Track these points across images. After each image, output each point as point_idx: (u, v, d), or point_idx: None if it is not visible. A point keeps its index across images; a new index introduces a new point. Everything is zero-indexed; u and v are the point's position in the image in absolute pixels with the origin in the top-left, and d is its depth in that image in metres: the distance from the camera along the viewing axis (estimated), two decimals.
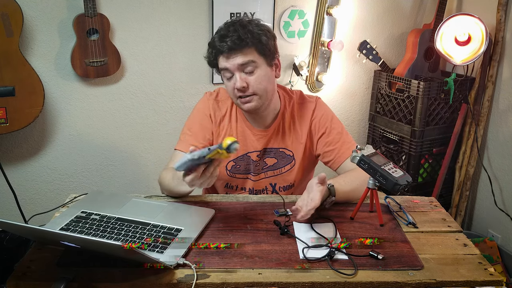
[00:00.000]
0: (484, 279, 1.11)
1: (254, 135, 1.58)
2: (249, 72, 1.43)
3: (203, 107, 1.61)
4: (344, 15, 2.68)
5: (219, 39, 1.43)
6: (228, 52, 1.41)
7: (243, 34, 1.40)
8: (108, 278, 1.07)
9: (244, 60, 1.42)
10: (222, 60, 1.44)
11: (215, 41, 1.44)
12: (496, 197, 2.56)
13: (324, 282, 1.08)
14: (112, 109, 2.49)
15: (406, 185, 1.26)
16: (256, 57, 1.43)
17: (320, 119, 1.59)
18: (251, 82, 1.44)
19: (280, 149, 1.59)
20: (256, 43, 1.42)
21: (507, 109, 2.50)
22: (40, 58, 2.28)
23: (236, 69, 1.43)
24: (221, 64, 1.45)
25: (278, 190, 1.62)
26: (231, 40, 1.40)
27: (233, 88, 1.46)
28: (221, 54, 1.43)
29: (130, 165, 2.61)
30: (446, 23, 2.45)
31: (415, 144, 2.60)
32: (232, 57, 1.42)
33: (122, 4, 2.34)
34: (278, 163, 1.60)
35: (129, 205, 1.39)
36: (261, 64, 1.45)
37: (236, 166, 1.59)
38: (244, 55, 1.41)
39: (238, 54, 1.41)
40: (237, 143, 1.10)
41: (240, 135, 1.59)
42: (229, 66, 1.43)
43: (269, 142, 1.59)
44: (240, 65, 1.42)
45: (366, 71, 2.89)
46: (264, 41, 1.44)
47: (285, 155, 1.60)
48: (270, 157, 1.60)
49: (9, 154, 2.37)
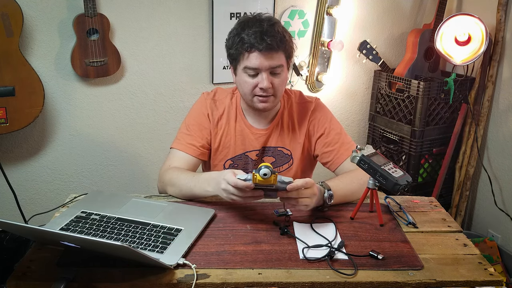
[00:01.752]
0: (484, 279, 1.11)
1: (252, 134, 1.58)
2: (276, 74, 1.44)
3: (201, 106, 1.61)
4: (344, 15, 2.68)
5: (257, 35, 1.39)
6: (265, 51, 1.40)
7: (283, 38, 1.42)
8: (108, 278, 1.07)
9: (277, 63, 1.43)
10: (253, 56, 1.41)
11: (251, 36, 1.39)
12: (496, 197, 2.56)
13: (324, 282, 1.08)
14: (112, 109, 2.49)
15: (406, 185, 1.26)
16: (284, 61, 1.46)
17: (319, 120, 1.59)
18: (275, 84, 1.45)
19: (278, 148, 1.60)
20: (287, 49, 1.45)
21: (507, 109, 2.50)
22: (40, 58, 2.28)
23: (266, 70, 1.42)
24: (249, 61, 1.42)
25: None
26: (272, 40, 1.39)
27: (254, 86, 1.45)
28: (255, 51, 1.40)
29: (130, 165, 2.61)
30: (446, 23, 2.45)
31: (415, 144, 2.60)
32: (267, 57, 1.41)
33: (122, 4, 2.34)
34: (276, 162, 1.60)
35: (129, 205, 1.39)
36: (285, 68, 1.48)
37: (234, 165, 1.60)
38: (278, 57, 1.43)
39: (274, 55, 1.41)
40: (267, 168, 1.18)
41: (238, 134, 1.59)
42: (260, 66, 1.41)
43: (268, 141, 1.59)
44: (271, 67, 1.42)
45: (366, 71, 2.89)
46: (291, 46, 1.47)
47: (283, 154, 1.60)
48: (268, 156, 1.60)
49: (9, 154, 2.37)
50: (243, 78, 1.47)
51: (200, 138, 1.57)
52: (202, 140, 1.57)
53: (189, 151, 1.55)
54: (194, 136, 1.57)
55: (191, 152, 1.55)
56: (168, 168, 1.52)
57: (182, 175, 1.45)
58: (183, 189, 1.43)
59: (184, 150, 1.55)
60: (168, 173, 1.49)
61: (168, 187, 1.48)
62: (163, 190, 1.52)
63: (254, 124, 1.59)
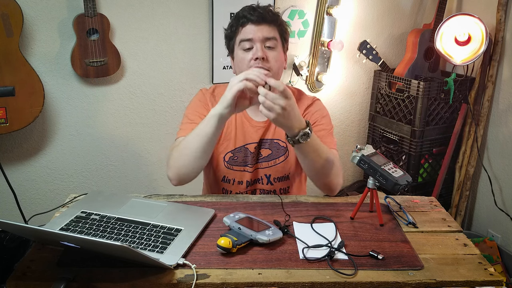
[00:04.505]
0: (484, 279, 1.11)
1: (252, 126, 1.59)
2: (270, 47, 1.49)
3: (200, 99, 1.62)
4: (344, 15, 2.68)
5: (249, 9, 1.49)
6: (257, 21, 1.47)
7: (274, 14, 1.51)
8: (108, 278, 1.07)
9: (269, 34, 1.48)
10: (247, 29, 1.48)
11: (244, 11, 1.49)
12: (496, 197, 2.56)
13: (324, 282, 1.08)
14: (112, 109, 2.49)
15: (406, 185, 1.26)
16: (277, 36, 1.51)
17: (313, 114, 1.61)
18: (270, 56, 1.49)
19: (275, 140, 1.60)
20: (280, 25, 1.52)
21: (507, 109, 2.50)
22: (40, 58, 2.28)
23: (259, 41, 1.47)
24: (243, 34, 1.49)
25: (272, 182, 1.62)
26: (264, 10, 1.48)
27: (250, 60, 1.47)
28: (248, 23, 1.48)
29: (130, 165, 2.61)
30: (446, 23, 2.45)
31: (415, 144, 2.60)
32: (260, 27, 1.47)
33: (122, 4, 2.35)
34: (273, 154, 1.61)
35: (129, 205, 1.39)
36: (279, 46, 1.52)
37: (234, 158, 1.59)
38: (270, 29, 1.49)
39: (266, 26, 1.48)
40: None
41: (239, 127, 1.59)
42: (254, 36, 1.47)
43: (265, 133, 1.60)
44: (264, 38, 1.48)
45: (366, 71, 2.89)
46: (285, 27, 1.55)
47: (279, 146, 1.60)
48: (265, 148, 1.61)
49: (9, 154, 2.37)
50: (239, 56, 1.51)
51: None
52: None
53: None
54: (197, 123, 1.55)
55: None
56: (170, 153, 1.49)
57: (186, 137, 1.43)
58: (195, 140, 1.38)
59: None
60: (174, 149, 1.45)
61: (182, 157, 1.41)
62: (178, 170, 1.43)
63: (253, 116, 1.60)
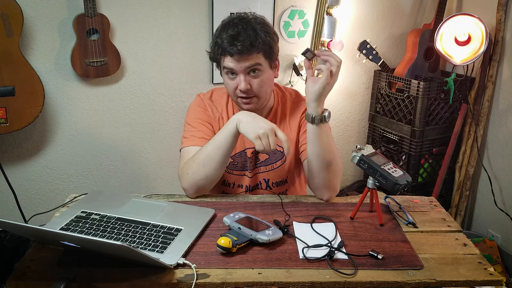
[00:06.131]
0: (484, 279, 1.11)
1: None
2: (254, 74, 1.45)
3: (200, 104, 1.61)
4: (344, 15, 2.68)
5: (229, 41, 1.41)
6: (238, 55, 1.41)
7: (254, 40, 1.40)
8: (108, 278, 1.07)
9: (251, 63, 1.43)
10: (228, 60, 1.44)
11: (224, 41, 1.42)
12: (496, 197, 2.56)
13: (324, 282, 1.08)
14: (112, 109, 2.49)
15: (406, 185, 1.26)
16: (262, 60, 1.45)
17: None
18: (254, 85, 1.46)
19: None
20: (265, 49, 1.44)
21: (507, 109, 2.50)
22: (40, 58, 2.28)
23: (242, 72, 1.44)
24: (226, 64, 1.45)
25: (271, 186, 1.62)
26: (243, 45, 1.39)
27: (235, 88, 1.47)
28: (228, 56, 1.43)
29: (130, 165, 2.61)
30: (446, 23, 2.45)
31: (415, 144, 2.60)
32: (241, 60, 1.42)
33: (122, 4, 2.35)
34: (270, 158, 1.61)
35: (129, 205, 1.39)
36: (266, 67, 1.47)
37: (234, 163, 1.60)
38: (252, 58, 1.42)
39: (247, 58, 1.42)
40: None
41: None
42: (236, 68, 1.43)
43: None
44: (247, 68, 1.43)
45: (366, 71, 2.89)
46: (272, 46, 1.46)
47: (276, 151, 1.60)
48: (262, 153, 1.60)
49: (9, 154, 2.37)
50: (225, 80, 1.50)
51: (209, 131, 1.56)
52: (210, 133, 1.55)
53: (203, 144, 1.50)
54: (202, 130, 1.55)
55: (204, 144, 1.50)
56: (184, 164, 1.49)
57: (200, 150, 1.44)
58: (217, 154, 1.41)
59: (197, 144, 1.51)
60: (189, 162, 1.46)
61: (202, 169, 1.43)
62: (197, 182, 1.44)
63: None
